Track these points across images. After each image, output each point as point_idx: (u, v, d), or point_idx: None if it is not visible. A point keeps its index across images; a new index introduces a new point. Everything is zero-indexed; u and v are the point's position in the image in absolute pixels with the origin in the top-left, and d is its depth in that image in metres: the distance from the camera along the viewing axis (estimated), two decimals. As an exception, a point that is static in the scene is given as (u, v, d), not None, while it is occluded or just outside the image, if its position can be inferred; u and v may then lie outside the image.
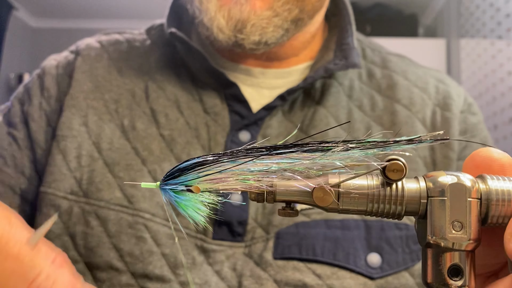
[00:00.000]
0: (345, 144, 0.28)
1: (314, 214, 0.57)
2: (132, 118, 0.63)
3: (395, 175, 0.28)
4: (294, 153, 0.28)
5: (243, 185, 0.28)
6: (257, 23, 0.57)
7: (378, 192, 0.28)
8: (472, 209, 0.28)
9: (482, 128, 0.69)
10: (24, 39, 3.84)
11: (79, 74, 0.66)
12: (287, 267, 0.55)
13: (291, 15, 0.58)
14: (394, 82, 0.69)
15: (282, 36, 0.60)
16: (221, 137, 0.62)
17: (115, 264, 0.55)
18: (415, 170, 0.62)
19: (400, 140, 0.28)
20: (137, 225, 0.56)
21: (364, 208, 0.29)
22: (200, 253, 0.57)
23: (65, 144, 0.61)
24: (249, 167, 0.28)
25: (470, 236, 0.27)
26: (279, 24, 0.58)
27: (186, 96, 0.65)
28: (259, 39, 0.58)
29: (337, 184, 0.29)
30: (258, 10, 0.57)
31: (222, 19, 0.57)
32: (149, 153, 0.60)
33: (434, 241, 0.28)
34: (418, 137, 0.28)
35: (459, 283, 0.27)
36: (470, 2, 2.35)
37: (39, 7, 3.67)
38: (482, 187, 0.28)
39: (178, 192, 0.30)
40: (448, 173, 0.29)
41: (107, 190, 0.58)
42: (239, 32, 0.57)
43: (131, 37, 0.74)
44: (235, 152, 0.28)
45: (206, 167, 0.28)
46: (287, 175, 0.28)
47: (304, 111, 0.65)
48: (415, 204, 0.28)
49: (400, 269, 0.56)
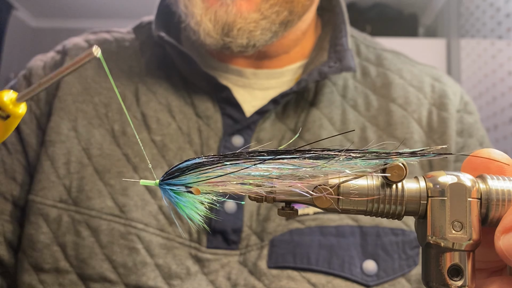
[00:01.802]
0: (347, 153, 0.28)
1: (308, 221, 0.56)
2: (123, 123, 0.61)
3: (395, 177, 0.28)
4: (296, 159, 0.28)
5: (243, 189, 0.28)
6: (244, 27, 0.55)
7: (378, 193, 0.28)
8: (472, 209, 0.28)
9: (479, 128, 0.68)
10: (24, 39, 3.83)
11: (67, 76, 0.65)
12: (281, 276, 0.54)
13: (280, 18, 0.57)
14: (389, 81, 0.67)
15: (271, 38, 0.58)
16: (213, 142, 0.60)
17: (109, 276, 0.54)
18: (411, 172, 0.60)
19: (403, 152, 0.28)
20: (130, 236, 0.55)
21: (364, 208, 0.29)
22: (195, 262, 0.55)
23: (53, 150, 0.59)
24: (250, 171, 0.28)
25: (470, 236, 0.27)
26: (267, 27, 0.57)
27: (177, 99, 0.63)
28: (246, 42, 0.57)
29: (337, 185, 0.28)
30: (245, 12, 0.55)
31: (208, 23, 0.56)
32: (141, 159, 0.59)
33: (434, 241, 0.28)
34: (421, 150, 0.28)
35: (459, 283, 0.27)
36: (470, 2, 2.35)
37: (39, 7, 3.67)
38: (482, 187, 0.28)
39: (178, 192, 0.29)
40: (448, 173, 0.28)
41: (98, 199, 0.57)
42: (226, 36, 0.56)
43: (120, 36, 0.71)
44: (236, 154, 0.28)
45: (207, 169, 0.28)
46: (288, 181, 0.28)
47: (298, 113, 0.63)
48: (415, 204, 0.28)
49: (397, 275, 0.55)
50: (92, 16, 3.75)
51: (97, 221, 0.56)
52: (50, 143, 0.60)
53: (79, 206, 0.57)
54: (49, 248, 0.56)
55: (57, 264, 0.55)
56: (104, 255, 0.55)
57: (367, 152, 0.28)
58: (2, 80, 3.54)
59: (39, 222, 0.57)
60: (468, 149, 0.65)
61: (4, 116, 0.24)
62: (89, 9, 3.64)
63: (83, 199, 0.57)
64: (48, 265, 0.56)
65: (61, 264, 0.55)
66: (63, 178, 0.58)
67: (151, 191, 0.58)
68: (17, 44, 3.73)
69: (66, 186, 0.58)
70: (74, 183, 0.58)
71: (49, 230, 0.56)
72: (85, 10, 3.66)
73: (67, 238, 0.56)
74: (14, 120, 0.24)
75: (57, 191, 0.58)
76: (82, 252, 0.55)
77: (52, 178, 0.58)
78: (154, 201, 0.57)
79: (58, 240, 0.56)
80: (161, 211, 0.57)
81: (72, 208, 0.57)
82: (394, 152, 0.28)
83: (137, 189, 0.57)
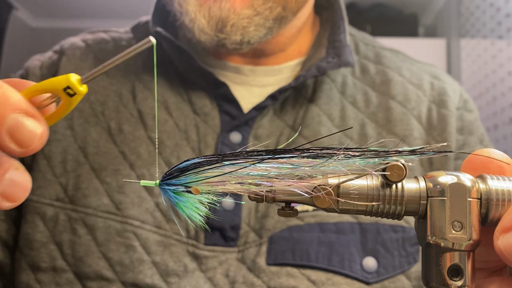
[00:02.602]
0: (346, 151, 0.28)
1: (308, 218, 0.56)
2: (119, 121, 0.61)
3: (395, 177, 0.28)
4: (295, 158, 0.28)
5: (242, 188, 0.28)
6: (238, 23, 0.56)
7: (378, 193, 0.28)
8: (472, 209, 0.28)
9: (479, 126, 0.68)
10: (24, 39, 3.83)
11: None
12: (280, 273, 0.54)
13: (273, 14, 0.57)
14: (388, 78, 0.67)
15: (265, 35, 0.58)
16: (211, 138, 0.60)
17: (105, 273, 0.54)
18: (411, 170, 0.61)
19: (403, 151, 0.28)
20: (126, 233, 0.55)
21: (364, 209, 0.29)
22: (192, 259, 0.55)
23: (49, 148, 0.59)
24: (249, 171, 0.28)
25: (470, 236, 0.27)
26: (260, 23, 0.56)
27: (174, 96, 0.63)
28: (240, 38, 0.57)
29: (337, 185, 0.28)
30: (238, 8, 0.55)
31: (203, 19, 0.56)
32: (137, 157, 0.59)
33: (434, 241, 0.28)
34: (420, 148, 0.28)
35: (459, 283, 0.27)
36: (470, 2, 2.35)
37: (39, 7, 3.67)
38: (482, 187, 0.28)
39: (177, 192, 0.29)
40: (448, 173, 0.28)
41: (94, 197, 0.56)
42: (220, 32, 0.56)
43: (117, 35, 0.71)
44: (235, 154, 0.28)
45: (206, 169, 0.28)
46: (287, 180, 0.28)
47: (296, 109, 0.63)
48: (415, 204, 0.28)
49: (397, 272, 0.55)
50: (92, 16, 3.75)
51: (93, 219, 0.56)
52: (46, 141, 0.59)
53: (76, 204, 0.57)
54: (46, 247, 0.56)
55: (54, 263, 0.55)
56: (101, 253, 0.55)
57: (366, 151, 0.28)
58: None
59: (36, 221, 0.57)
60: (469, 147, 0.65)
61: (72, 93, 0.27)
62: (89, 9, 3.64)
63: (79, 197, 0.57)
64: (45, 264, 0.56)
65: (58, 263, 0.55)
66: (59, 177, 0.58)
67: (148, 188, 0.57)
68: (17, 44, 3.73)
69: (62, 184, 0.58)
70: (71, 182, 0.58)
71: (45, 228, 0.56)
72: (85, 10, 3.65)
73: (63, 236, 0.56)
74: (78, 98, 0.28)
75: (53, 189, 0.57)
76: (78, 250, 0.55)
77: (49, 176, 0.58)
78: (151, 198, 0.57)
79: (55, 239, 0.56)
80: (157, 208, 0.57)
81: (68, 207, 0.57)
82: (394, 150, 0.28)
83: (133, 186, 0.57)
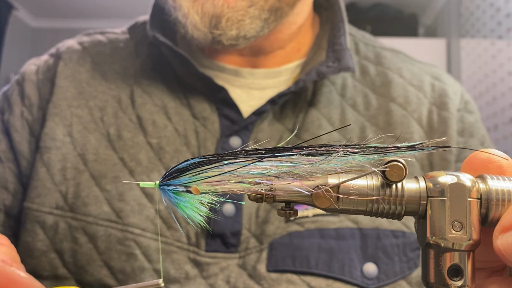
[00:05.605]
0: (345, 148, 0.28)
1: (308, 223, 0.56)
2: (118, 127, 0.60)
3: (395, 177, 0.28)
4: (294, 156, 0.28)
5: (242, 187, 0.28)
6: (232, 16, 0.54)
7: (378, 193, 0.28)
8: (472, 209, 0.27)
9: (480, 127, 0.67)
10: (24, 39, 3.84)
11: (61, 80, 0.63)
12: (281, 280, 0.53)
13: (268, 4, 0.56)
14: (388, 80, 0.67)
15: (262, 28, 0.57)
16: (211, 143, 0.60)
17: (107, 281, 0.54)
18: (411, 173, 0.60)
19: (402, 147, 0.28)
20: (127, 241, 0.54)
21: (364, 208, 0.29)
22: (194, 266, 0.55)
23: (48, 156, 0.58)
24: (249, 169, 0.28)
25: (470, 236, 0.27)
26: (256, 14, 0.55)
27: (173, 101, 0.62)
28: (236, 33, 0.56)
29: (337, 185, 0.28)
30: (232, 2, 0.54)
31: (196, 15, 0.55)
32: (137, 163, 0.58)
33: (434, 241, 0.28)
34: (419, 144, 0.28)
35: (459, 283, 0.27)
36: (470, 2, 2.35)
37: (39, 7, 3.67)
38: (482, 187, 0.28)
39: (177, 193, 0.29)
40: (448, 173, 0.28)
41: (95, 205, 0.56)
42: (214, 28, 0.55)
43: (114, 37, 0.70)
44: (235, 153, 0.28)
45: (205, 168, 0.28)
46: (287, 178, 0.28)
47: (296, 113, 0.63)
48: (415, 204, 0.28)
49: (397, 278, 0.55)
50: (92, 16, 3.75)
51: (94, 227, 0.55)
52: (45, 149, 0.59)
53: (76, 212, 0.56)
54: (47, 256, 0.55)
55: (55, 271, 0.55)
56: (102, 261, 0.54)
57: (365, 147, 0.28)
58: (2, 80, 3.55)
59: (36, 230, 0.56)
60: (469, 150, 0.64)
61: None
62: (89, 9, 3.65)
63: (79, 206, 0.56)
64: (47, 272, 0.55)
65: (59, 271, 0.55)
66: (59, 185, 0.57)
67: (148, 195, 0.57)
68: (17, 44, 3.73)
69: (62, 192, 0.57)
70: (70, 190, 0.57)
71: (46, 237, 0.56)
72: (85, 10, 3.66)
73: (64, 245, 0.55)
74: None
75: (53, 197, 0.57)
76: (80, 259, 0.55)
77: (48, 184, 0.57)
78: (151, 205, 0.56)
79: (55, 247, 0.55)
80: (158, 215, 0.57)
81: (68, 215, 0.56)
82: (393, 146, 0.28)
83: (133, 193, 0.56)
